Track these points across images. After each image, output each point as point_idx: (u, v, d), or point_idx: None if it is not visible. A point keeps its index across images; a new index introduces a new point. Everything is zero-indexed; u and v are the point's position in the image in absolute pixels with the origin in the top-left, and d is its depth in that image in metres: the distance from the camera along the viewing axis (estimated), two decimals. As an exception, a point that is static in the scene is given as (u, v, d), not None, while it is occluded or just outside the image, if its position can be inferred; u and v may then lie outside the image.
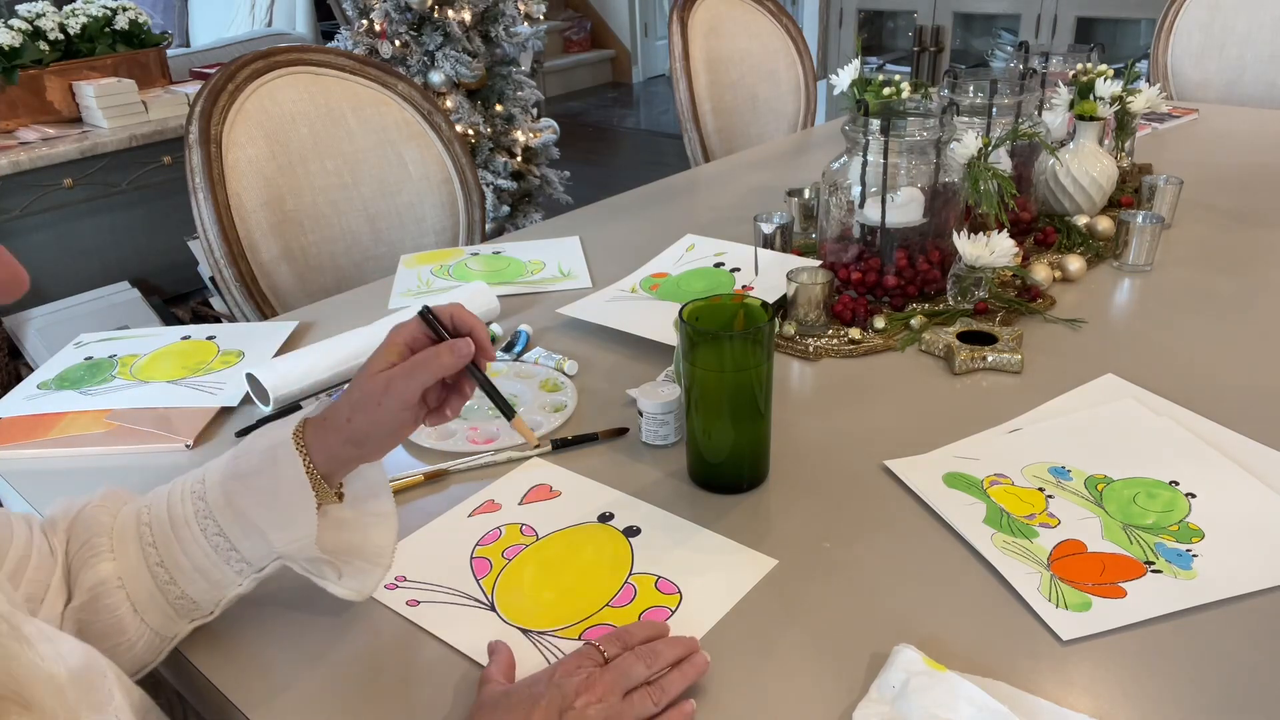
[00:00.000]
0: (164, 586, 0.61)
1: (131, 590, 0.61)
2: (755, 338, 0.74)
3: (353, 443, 0.61)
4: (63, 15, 2.61)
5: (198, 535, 0.61)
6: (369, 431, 0.61)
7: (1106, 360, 0.98)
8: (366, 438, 0.61)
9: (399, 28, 2.73)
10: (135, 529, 0.62)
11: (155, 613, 0.61)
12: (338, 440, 0.61)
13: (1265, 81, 2.18)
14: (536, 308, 1.17)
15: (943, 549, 0.72)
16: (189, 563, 0.61)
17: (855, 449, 0.85)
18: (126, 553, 0.61)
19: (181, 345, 1.10)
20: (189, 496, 0.62)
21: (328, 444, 0.61)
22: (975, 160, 1.09)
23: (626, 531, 0.75)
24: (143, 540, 0.62)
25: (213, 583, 0.62)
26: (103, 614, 0.59)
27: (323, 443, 0.61)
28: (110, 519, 0.63)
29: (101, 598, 0.59)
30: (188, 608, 0.62)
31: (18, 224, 2.41)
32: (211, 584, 0.62)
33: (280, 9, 3.81)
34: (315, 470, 0.61)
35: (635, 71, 6.56)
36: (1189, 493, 0.76)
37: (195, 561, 0.61)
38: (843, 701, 0.58)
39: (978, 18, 4.00)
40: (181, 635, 0.63)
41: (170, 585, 0.61)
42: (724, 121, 2.09)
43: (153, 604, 0.61)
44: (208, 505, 0.61)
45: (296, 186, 1.42)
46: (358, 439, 0.61)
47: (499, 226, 2.99)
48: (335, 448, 0.61)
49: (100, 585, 0.60)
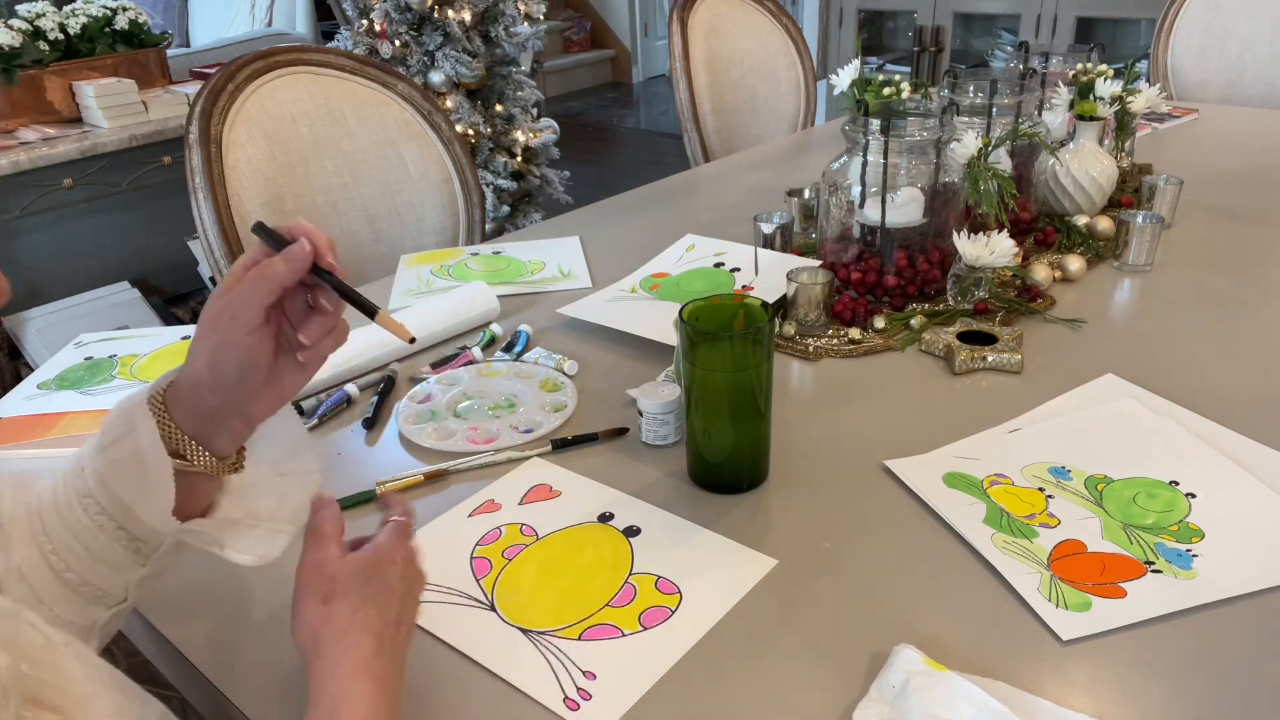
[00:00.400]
0: (63, 575, 0.56)
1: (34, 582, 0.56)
2: (755, 338, 0.74)
3: (208, 388, 0.55)
4: (63, 15, 2.61)
5: (81, 517, 0.56)
6: (218, 369, 0.54)
7: (1106, 360, 0.98)
8: (218, 379, 0.54)
9: (399, 28, 2.73)
10: (26, 520, 0.57)
11: (63, 604, 0.56)
12: (196, 391, 0.55)
13: (1265, 81, 2.18)
14: (536, 308, 1.17)
15: (943, 549, 0.72)
16: (80, 546, 0.56)
17: (855, 449, 0.85)
18: (23, 544, 0.57)
19: (181, 345, 1.10)
20: (70, 477, 0.57)
21: (188, 400, 0.55)
22: (975, 160, 1.09)
23: (626, 531, 0.75)
24: (33, 529, 0.57)
25: (112, 566, 0.57)
26: None
27: (183, 400, 0.55)
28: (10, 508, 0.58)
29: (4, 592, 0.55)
30: (95, 594, 0.57)
31: (18, 224, 2.41)
32: (111, 568, 0.57)
33: (280, 9, 3.81)
34: (181, 432, 0.55)
35: (635, 71, 6.56)
36: (1189, 493, 0.76)
37: (86, 545, 0.56)
38: (843, 701, 0.58)
39: (978, 18, 4.00)
40: (102, 623, 0.58)
41: (68, 573, 0.56)
42: (724, 121, 2.09)
43: (58, 595, 0.56)
44: (86, 483, 0.56)
45: (296, 186, 1.42)
46: (210, 382, 0.54)
47: (499, 226, 2.99)
48: (196, 402, 0.55)
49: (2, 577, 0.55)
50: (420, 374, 1.01)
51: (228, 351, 0.54)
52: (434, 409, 0.93)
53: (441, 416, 0.92)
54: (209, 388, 0.55)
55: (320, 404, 0.95)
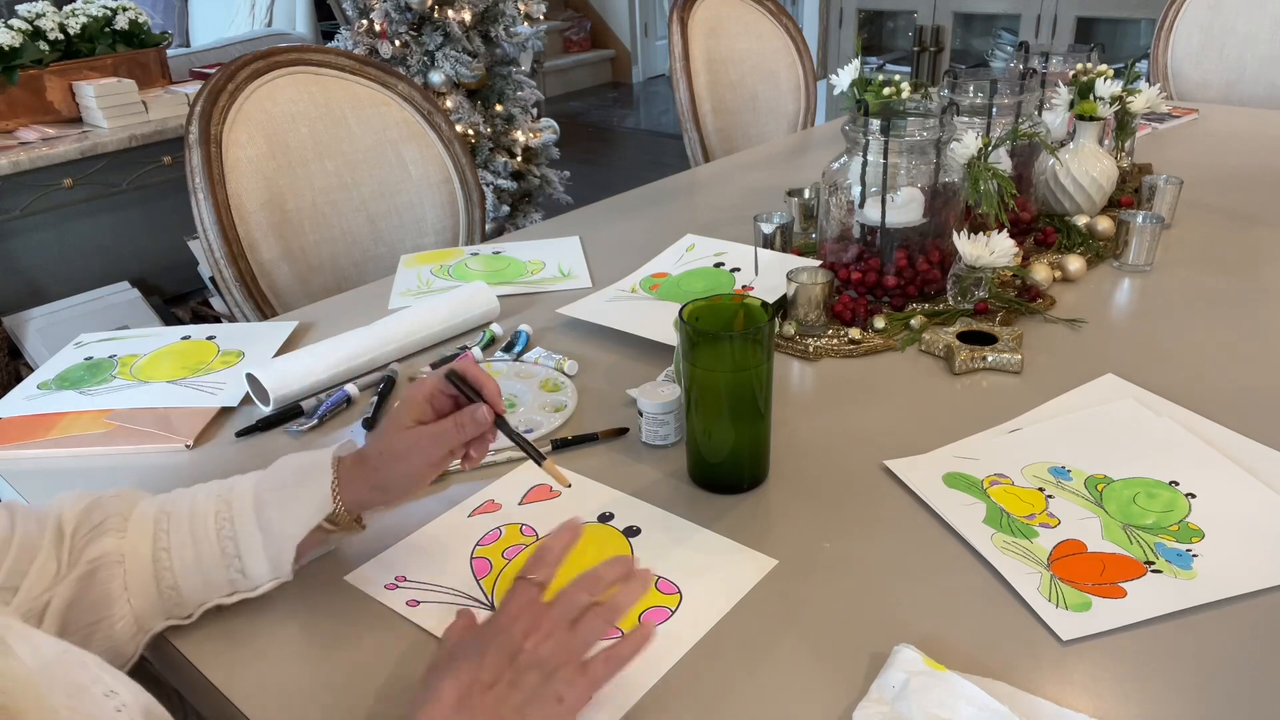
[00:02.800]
0: (161, 573, 0.63)
1: (129, 569, 0.63)
2: (755, 338, 0.74)
3: (378, 489, 0.67)
4: (63, 15, 2.61)
5: (211, 534, 0.64)
6: (393, 482, 0.67)
7: (1106, 360, 0.98)
8: (390, 486, 0.67)
9: (399, 28, 2.73)
10: (154, 516, 0.65)
11: (143, 598, 0.63)
12: (365, 485, 0.67)
13: (1265, 81, 2.18)
14: (536, 308, 1.17)
15: (943, 549, 0.72)
16: (192, 555, 0.63)
17: (855, 449, 0.85)
18: (137, 535, 0.64)
19: (181, 345, 1.10)
20: (213, 499, 0.66)
21: (355, 484, 0.67)
22: (975, 160, 1.09)
23: (626, 532, 0.75)
24: (158, 526, 0.64)
25: (206, 583, 0.64)
26: (95, 587, 0.61)
27: (351, 481, 0.67)
28: (126, 506, 0.65)
29: (99, 570, 0.61)
30: (173, 602, 0.64)
31: (18, 224, 2.41)
32: (204, 584, 0.64)
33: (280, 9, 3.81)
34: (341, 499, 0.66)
35: (635, 71, 6.56)
36: (1189, 493, 0.76)
37: (199, 555, 0.64)
38: (843, 701, 0.58)
39: (978, 18, 4.00)
40: (154, 632, 0.64)
41: (167, 572, 0.63)
42: (724, 121, 2.09)
43: (144, 590, 0.63)
44: (230, 509, 0.65)
45: (296, 186, 1.42)
46: (383, 486, 0.67)
47: (499, 226, 2.99)
48: (362, 491, 0.67)
49: (101, 558, 0.61)
50: (420, 374, 1.01)
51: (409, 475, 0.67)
52: (434, 409, 0.93)
53: (441, 416, 0.92)
54: (380, 490, 0.67)
55: (320, 404, 0.95)
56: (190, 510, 0.65)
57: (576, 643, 0.54)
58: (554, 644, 0.54)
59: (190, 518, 0.65)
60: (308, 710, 0.60)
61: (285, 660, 0.64)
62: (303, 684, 0.62)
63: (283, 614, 0.68)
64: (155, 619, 0.64)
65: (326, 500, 0.65)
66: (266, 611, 0.67)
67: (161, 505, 0.66)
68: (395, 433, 0.67)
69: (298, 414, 0.94)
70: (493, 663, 0.53)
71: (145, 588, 0.63)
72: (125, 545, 0.63)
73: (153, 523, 0.64)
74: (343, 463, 0.67)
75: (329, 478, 0.66)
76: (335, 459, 0.67)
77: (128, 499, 0.66)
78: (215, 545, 0.64)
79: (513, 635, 0.54)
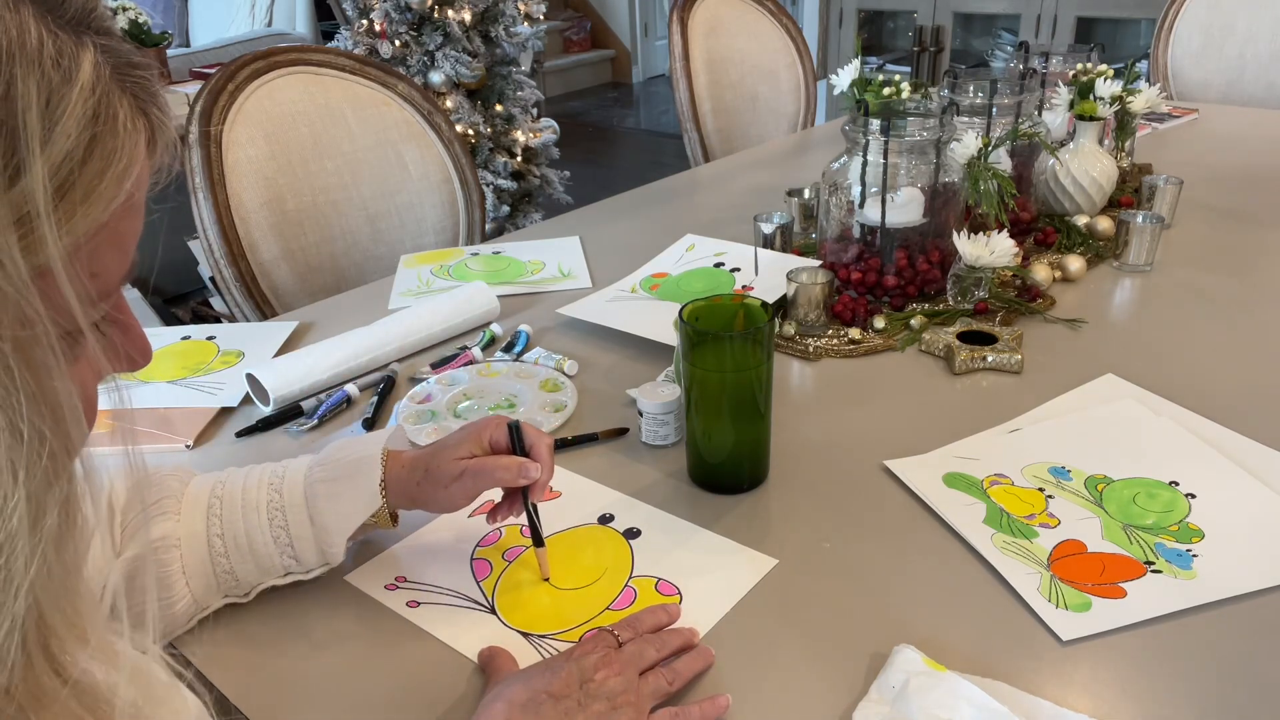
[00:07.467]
0: (216, 558, 0.65)
1: (186, 553, 0.64)
2: (755, 338, 0.74)
3: (415, 500, 0.70)
4: (63, 15, 2.60)
5: (264, 523, 0.66)
6: (430, 500, 0.70)
7: (1106, 360, 0.98)
8: (427, 502, 0.70)
9: (399, 28, 2.73)
10: (206, 499, 0.66)
11: (200, 580, 0.65)
12: (405, 494, 0.70)
13: (1265, 81, 2.18)
14: (536, 308, 1.17)
15: (943, 549, 0.72)
16: (247, 543, 0.65)
17: (855, 449, 0.85)
18: (192, 518, 0.65)
19: (181, 345, 1.10)
20: (265, 486, 0.67)
21: (399, 487, 0.70)
22: (975, 160, 1.09)
23: (627, 534, 0.75)
24: (210, 510, 0.66)
25: (261, 568, 0.66)
26: (155, 570, 0.62)
27: (397, 482, 0.70)
28: (180, 485, 0.67)
29: (159, 553, 0.63)
30: (229, 584, 0.66)
31: (17, 224, 2.41)
32: (259, 569, 0.66)
33: (280, 9, 3.81)
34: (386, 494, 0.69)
35: (635, 71, 6.56)
36: (1189, 493, 0.76)
37: (254, 544, 0.66)
38: (843, 701, 0.58)
39: (978, 18, 4.00)
40: (212, 609, 0.66)
41: (222, 558, 0.65)
42: (724, 121, 2.09)
43: (200, 571, 0.64)
44: (282, 499, 0.67)
45: (296, 186, 1.42)
46: (420, 500, 0.70)
47: (499, 226, 2.99)
48: (402, 498, 0.70)
49: (160, 541, 0.63)
50: (420, 374, 1.01)
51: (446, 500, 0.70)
52: (434, 409, 0.93)
53: (441, 417, 0.92)
54: (415, 501, 0.70)
55: (320, 404, 0.95)
56: (243, 498, 0.67)
57: (644, 689, 0.58)
58: (623, 682, 0.57)
59: (243, 506, 0.66)
60: (308, 710, 0.60)
61: (285, 660, 0.64)
62: (302, 684, 0.62)
63: (283, 614, 0.68)
64: (213, 598, 0.66)
65: (375, 497, 0.68)
66: (266, 611, 0.67)
67: (213, 489, 0.67)
68: (448, 459, 0.69)
69: (298, 414, 0.94)
70: (564, 682, 0.56)
71: (202, 569, 0.65)
72: (182, 529, 0.65)
73: (205, 508, 0.66)
74: (391, 461, 0.70)
75: (378, 474, 0.68)
76: (385, 453, 0.70)
77: (181, 476, 0.68)
78: (268, 534, 0.66)
79: (584, 665, 0.57)
